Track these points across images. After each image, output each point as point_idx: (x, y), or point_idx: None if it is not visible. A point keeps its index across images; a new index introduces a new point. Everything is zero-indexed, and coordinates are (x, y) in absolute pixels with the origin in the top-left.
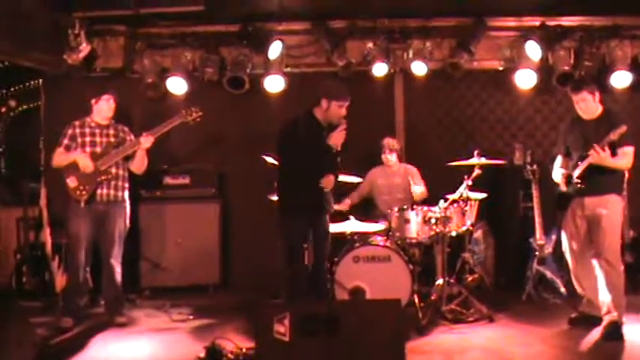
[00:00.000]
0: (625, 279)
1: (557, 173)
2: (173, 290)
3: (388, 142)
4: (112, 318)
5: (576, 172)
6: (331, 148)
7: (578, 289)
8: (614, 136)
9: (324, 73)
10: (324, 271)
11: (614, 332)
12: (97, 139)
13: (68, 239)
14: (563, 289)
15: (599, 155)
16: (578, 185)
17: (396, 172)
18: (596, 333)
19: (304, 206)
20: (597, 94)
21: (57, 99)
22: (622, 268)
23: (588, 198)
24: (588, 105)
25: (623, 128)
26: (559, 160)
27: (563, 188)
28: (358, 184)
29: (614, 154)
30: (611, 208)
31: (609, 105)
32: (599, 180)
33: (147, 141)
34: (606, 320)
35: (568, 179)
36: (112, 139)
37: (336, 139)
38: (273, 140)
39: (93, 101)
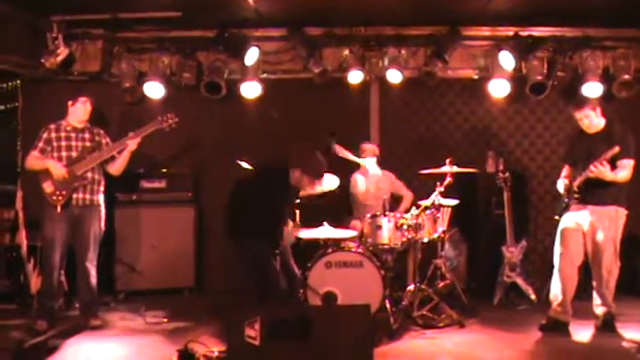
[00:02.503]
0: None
1: (560, 182)
2: (148, 293)
3: (373, 147)
4: (87, 321)
5: (576, 183)
6: (295, 199)
7: (557, 292)
8: (608, 155)
9: (301, 80)
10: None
11: (611, 322)
12: (73, 143)
13: (43, 242)
14: (533, 296)
15: (598, 170)
16: (576, 195)
17: (381, 179)
18: (565, 339)
19: (262, 238)
20: (599, 109)
21: (35, 101)
22: (617, 272)
23: (590, 207)
24: (591, 120)
25: (616, 149)
26: (565, 169)
27: (565, 197)
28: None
29: (614, 167)
30: (611, 220)
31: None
32: (600, 191)
33: (134, 142)
34: (602, 311)
35: (569, 189)
36: (88, 144)
37: (287, 234)
38: (250, 146)
39: (69, 103)
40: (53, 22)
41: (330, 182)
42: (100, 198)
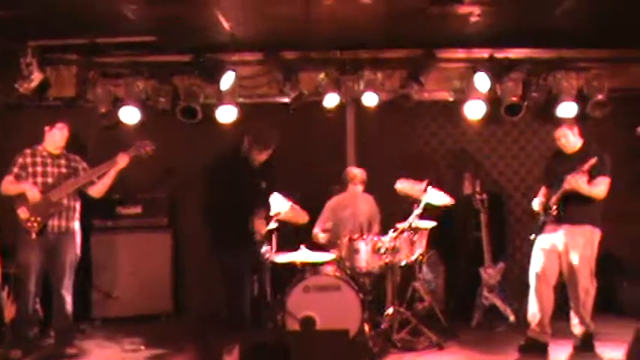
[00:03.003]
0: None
1: (536, 201)
2: (125, 320)
3: (362, 173)
4: (62, 349)
5: (553, 199)
6: (260, 185)
7: (534, 311)
8: (586, 167)
9: (277, 104)
10: (265, 303)
11: (589, 342)
12: (49, 169)
13: (18, 269)
14: (512, 317)
15: (575, 179)
16: (554, 212)
17: (362, 202)
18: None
19: (233, 242)
20: (576, 129)
21: (9, 127)
22: (594, 292)
23: (565, 226)
24: (568, 139)
25: (593, 160)
26: (541, 191)
27: (541, 215)
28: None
29: (590, 183)
30: (587, 240)
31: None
32: (575, 210)
33: (123, 160)
34: (580, 331)
35: (545, 207)
36: (64, 170)
37: (258, 225)
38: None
39: (46, 128)
40: (27, 47)
41: (299, 214)
42: (76, 225)
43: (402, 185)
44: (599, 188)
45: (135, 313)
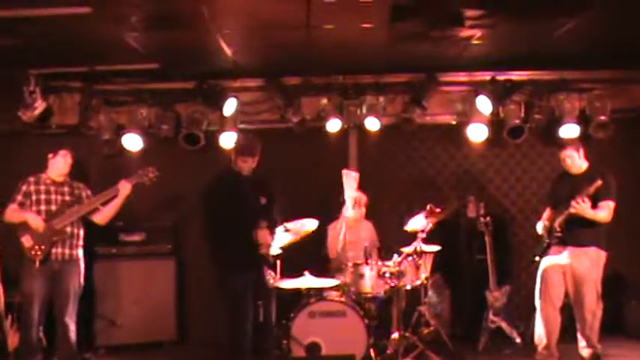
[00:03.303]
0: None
1: (540, 224)
2: (129, 348)
3: (361, 197)
4: None
5: (557, 222)
6: (259, 200)
7: (541, 334)
8: (591, 189)
9: (279, 130)
10: (270, 329)
11: None
12: (52, 196)
13: (22, 298)
14: (518, 340)
15: (580, 206)
16: (558, 235)
17: (362, 227)
18: None
19: (238, 262)
20: (582, 151)
21: (12, 155)
22: (600, 313)
23: (570, 248)
24: (574, 161)
25: (599, 182)
26: (546, 212)
27: (545, 238)
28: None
29: (595, 206)
30: (592, 261)
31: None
32: (580, 232)
33: (125, 187)
34: (588, 353)
35: (549, 229)
36: (67, 197)
37: (262, 237)
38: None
39: (50, 156)
40: (30, 76)
41: (309, 224)
42: (80, 252)
43: (412, 225)
44: (604, 213)
45: (138, 341)
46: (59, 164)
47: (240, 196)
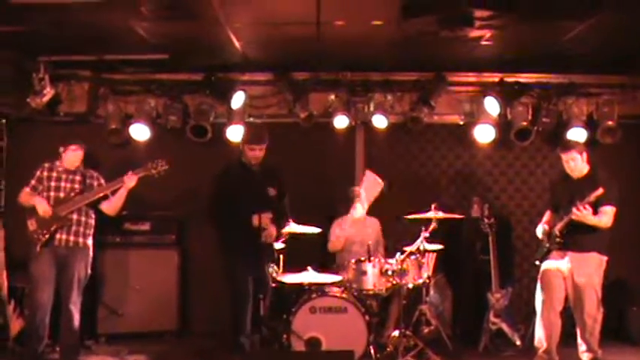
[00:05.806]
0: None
1: (540, 228)
2: (130, 336)
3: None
4: None
5: (557, 227)
6: (266, 190)
7: (541, 337)
8: (592, 197)
9: (286, 124)
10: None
11: None
12: (62, 184)
13: (28, 282)
14: (519, 342)
15: (581, 213)
16: (558, 240)
17: (366, 224)
18: None
19: (241, 250)
20: (585, 154)
21: (20, 141)
22: (601, 318)
23: (571, 253)
24: (577, 164)
25: (600, 191)
26: (546, 215)
27: (545, 242)
28: (318, 234)
29: (596, 212)
30: (593, 266)
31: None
32: (581, 237)
33: (131, 180)
34: (588, 358)
35: (549, 235)
36: (77, 186)
37: (264, 222)
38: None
39: (61, 149)
40: (40, 63)
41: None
42: (88, 241)
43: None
44: (605, 218)
45: (140, 330)
46: (70, 158)
47: (248, 185)
